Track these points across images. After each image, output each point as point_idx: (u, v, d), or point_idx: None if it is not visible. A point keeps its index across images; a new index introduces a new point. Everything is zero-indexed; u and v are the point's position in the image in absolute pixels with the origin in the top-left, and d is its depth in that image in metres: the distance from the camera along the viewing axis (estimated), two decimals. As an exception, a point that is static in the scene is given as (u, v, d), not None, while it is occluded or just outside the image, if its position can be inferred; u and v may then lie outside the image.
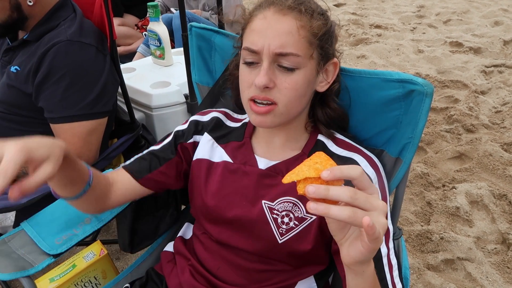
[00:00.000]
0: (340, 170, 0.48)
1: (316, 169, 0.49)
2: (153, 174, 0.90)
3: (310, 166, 0.50)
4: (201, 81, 1.13)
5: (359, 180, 0.49)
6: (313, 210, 0.47)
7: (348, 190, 0.47)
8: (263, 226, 0.80)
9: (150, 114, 1.61)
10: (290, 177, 0.50)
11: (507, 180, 2.05)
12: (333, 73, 0.79)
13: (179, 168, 0.93)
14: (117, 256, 1.70)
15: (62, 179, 0.72)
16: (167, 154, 0.91)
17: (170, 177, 0.92)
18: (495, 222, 1.81)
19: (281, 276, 0.84)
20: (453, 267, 1.63)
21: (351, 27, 4.24)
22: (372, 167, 0.78)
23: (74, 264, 1.01)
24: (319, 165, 0.50)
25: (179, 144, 0.92)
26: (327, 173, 0.48)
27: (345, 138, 0.85)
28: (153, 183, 0.91)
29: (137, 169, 0.90)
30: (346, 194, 0.47)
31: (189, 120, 0.95)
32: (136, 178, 0.89)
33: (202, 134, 0.93)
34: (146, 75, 1.77)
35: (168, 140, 0.94)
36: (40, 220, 0.97)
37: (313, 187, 0.47)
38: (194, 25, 1.03)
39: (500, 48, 3.55)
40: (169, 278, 0.93)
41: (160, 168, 0.90)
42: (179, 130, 0.94)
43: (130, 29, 2.75)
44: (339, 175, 0.48)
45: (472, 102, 2.71)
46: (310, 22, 0.70)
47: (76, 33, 1.15)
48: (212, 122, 0.93)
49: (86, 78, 1.16)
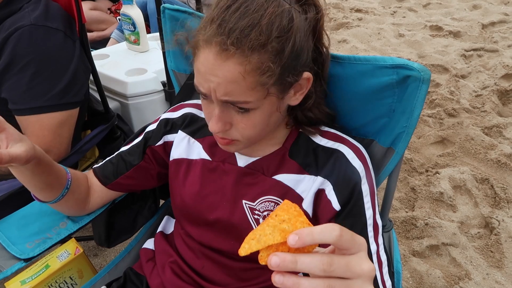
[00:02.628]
0: (311, 235, 0.38)
1: (282, 231, 0.39)
2: (120, 179, 0.88)
3: (275, 227, 0.40)
4: (178, 68, 1.06)
5: (337, 244, 0.38)
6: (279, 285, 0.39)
7: (321, 261, 0.37)
8: (245, 228, 0.76)
9: (125, 103, 1.53)
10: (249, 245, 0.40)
11: (488, 164, 2.06)
12: (306, 85, 0.68)
13: (149, 171, 0.89)
14: (95, 252, 1.64)
15: (39, 183, 0.73)
16: (134, 158, 0.88)
17: (139, 180, 0.90)
18: (478, 206, 1.82)
19: (268, 274, 0.80)
20: (438, 253, 1.63)
21: (332, 11, 4.18)
22: (359, 159, 0.73)
23: (47, 265, 0.95)
24: (286, 224, 0.40)
25: (148, 148, 0.88)
26: (295, 239, 0.37)
27: (330, 129, 0.79)
28: (122, 186, 0.90)
29: (103, 174, 0.89)
30: (318, 267, 0.37)
31: (160, 119, 0.90)
32: (104, 184, 0.89)
33: (175, 132, 0.87)
34: (121, 61, 1.68)
35: (137, 141, 0.90)
36: (10, 224, 0.90)
37: (278, 259, 0.37)
38: (167, 7, 0.95)
39: (478, 32, 3.56)
40: (150, 278, 0.89)
41: (127, 173, 0.88)
42: (149, 131, 0.89)
43: (103, 14, 2.62)
44: (310, 241, 0.38)
45: (453, 86, 2.72)
46: (258, 63, 0.57)
47: (41, 17, 1.05)
48: (185, 119, 0.87)
49: (54, 66, 1.07)
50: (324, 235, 0.37)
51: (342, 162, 0.72)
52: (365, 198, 0.71)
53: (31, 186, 0.75)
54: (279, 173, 0.76)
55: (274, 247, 0.40)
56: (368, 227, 0.70)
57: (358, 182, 0.71)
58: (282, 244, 0.40)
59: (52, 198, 0.79)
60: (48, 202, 0.80)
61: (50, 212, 0.93)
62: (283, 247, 0.40)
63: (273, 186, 0.76)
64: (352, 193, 0.70)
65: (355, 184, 0.70)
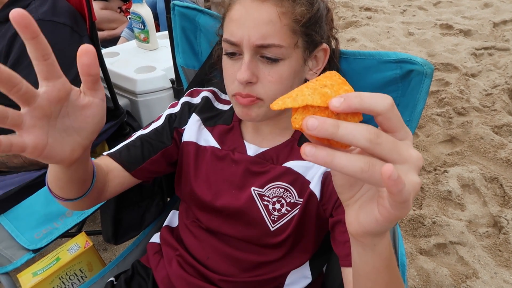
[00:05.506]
0: (360, 98, 0.32)
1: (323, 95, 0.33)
2: (147, 163, 0.81)
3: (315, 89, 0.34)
4: (187, 64, 1.08)
5: (386, 117, 0.33)
6: (310, 157, 0.32)
7: (367, 129, 0.32)
8: (254, 214, 0.76)
9: (135, 100, 1.55)
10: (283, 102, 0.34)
11: (498, 163, 2.04)
12: (323, 60, 0.73)
13: (173, 155, 0.86)
14: (104, 247, 1.66)
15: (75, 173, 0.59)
16: (162, 140, 0.84)
17: (162, 165, 0.85)
18: (487, 206, 1.81)
19: (272, 265, 0.81)
20: (445, 251, 1.63)
21: (341, 10, 4.17)
22: None
23: (58, 257, 0.98)
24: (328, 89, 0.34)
25: (174, 130, 0.85)
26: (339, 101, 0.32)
27: None
28: (146, 173, 0.83)
29: (127, 159, 0.80)
30: (363, 136, 0.31)
31: (180, 102, 0.89)
32: (129, 169, 0.80)
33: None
34: (130, 59, 1.70)
35: (160, 124, 0.86)
36: (18, 214, 0.92)
37: (316, 120, 0.31)
38: (177, 4, 0.97)
39: (490, 30, 3.52)
40: (156, 270, 0.89)
41: (154, 157, 0.82)
42: (172, 114, 0.87)
43: (114, 13, 2.65)
44: (357, 105, 0.32)
45: (463, 85, 2.69)
46: (292, 8, 0.64)
47: (48, 12, 1.08)
48: (202, 102, 0.88)
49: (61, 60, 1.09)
50: (376, 101, 0.32)
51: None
52: None
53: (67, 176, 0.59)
54: (289, 160, 0.77)
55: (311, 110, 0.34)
56: None
57: None
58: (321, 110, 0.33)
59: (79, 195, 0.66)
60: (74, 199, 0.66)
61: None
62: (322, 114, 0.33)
63: (283, 172, 0.76)
64: None
65: None
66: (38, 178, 1.10)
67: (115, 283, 0.91)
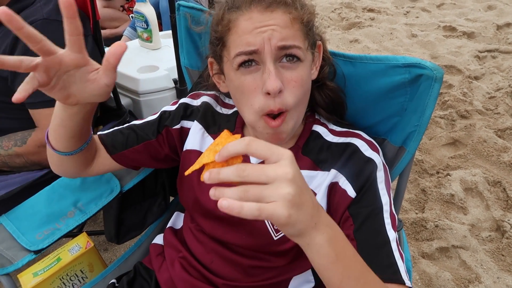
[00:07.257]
0: (226, 148, 0.45)
1: (215, 152, 0.46)
2: (128, 151, 0.86)
3: (211, 150, 0.47)
4: (191, 65, 1.07)
5: (250, 154, 0.44)
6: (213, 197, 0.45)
7: (236, 168, 0.44)
8: (257, 223, 0.76)
9: (137, 100, 1.54)
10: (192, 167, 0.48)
11: (501, 166, 2.03)
12: (318, 57, 0.75)
13: (158, 151, 0.88)
14: (105, 247, 1.65)
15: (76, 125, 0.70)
16: (148, 133, 0.87)
17: (145, 157, 0.88)
18: (490, 209, 1.80)
19: (276, 271, 0.80)
20: (448, 255, 1.62)
21: (344, 11, 4.16)
22: (373, 150, 0.73)
23: (59, 258, 0.97)
24: (219, 146, 0.47)
25: (164, 128, 0.87)
26: (217, 155, 0.45)
27: (342, 128, 0.79)
28: (126, 160, 0.88)
29: (112, 143, 0.86)
30: (233, 174, 0.44)
31: (179, 102, 0.90)
32: (110, 152, 0.86)
33: (192, 120, 0.87)
34: (133, 59, 1.69)
35: (153, 118, 0.89)
36: (19, 214, 0.91)
37: (207, 173, 0.45)
38: (183, 4, 0.96)
39: (493, 32, 3.51)
40: (159, 272, 0.89)
41: (136, 147, 0.86)
42: (167, 111, 0.89)
43: (116, 11, 2.65)
44: (226, 154, 0.45)
45: (466, 88, 2.68)
46: (299, 14, 0.66)
47: (54, 11, 1.07)
48: (202, 107, 0.87)
49: None
50: (235, 146, 0.44)
51: (356, 153, 0.72)
52: (379, 185, 0.69)
53: (67, 125, 0.70)
54: None
55: (211, 165, 0.47)
56: (384, 213, 0.67)
57: (373, 170, 0.70)
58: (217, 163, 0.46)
59: (72, 149, 0.75)
60: (65, 152, 0.75)
61: (57, 198, 0.94)
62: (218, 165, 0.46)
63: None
64: (367, 179, 0.69)
65: (370, 172, 0.70)
66: (40, 178, 1.10)
67: (116, 285, 0.91)
